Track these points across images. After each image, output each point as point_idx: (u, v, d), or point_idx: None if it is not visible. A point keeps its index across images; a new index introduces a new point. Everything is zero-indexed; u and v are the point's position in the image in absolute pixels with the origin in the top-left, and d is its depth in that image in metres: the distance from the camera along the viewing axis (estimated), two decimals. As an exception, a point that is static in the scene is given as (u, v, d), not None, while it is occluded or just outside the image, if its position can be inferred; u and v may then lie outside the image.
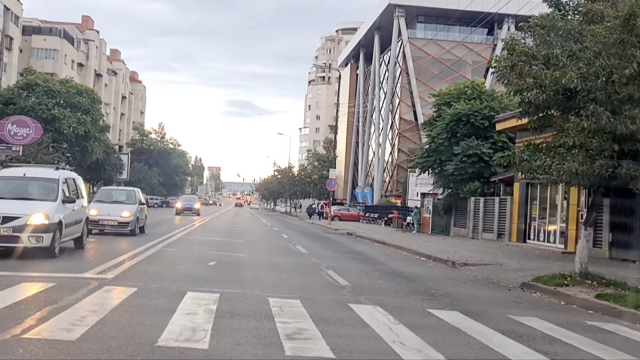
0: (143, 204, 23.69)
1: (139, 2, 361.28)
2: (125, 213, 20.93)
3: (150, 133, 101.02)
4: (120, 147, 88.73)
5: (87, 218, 16.15)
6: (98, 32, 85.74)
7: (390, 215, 48.08)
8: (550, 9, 13.54)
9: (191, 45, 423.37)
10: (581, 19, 12.36)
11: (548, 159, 12.26)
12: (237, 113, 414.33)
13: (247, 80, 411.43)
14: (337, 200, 75.81)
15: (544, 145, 12.91)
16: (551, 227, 24.10)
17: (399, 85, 72.86)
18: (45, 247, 12.67)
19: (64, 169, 17.22)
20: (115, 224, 20.60)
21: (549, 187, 22.85)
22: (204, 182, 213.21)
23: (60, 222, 13.20)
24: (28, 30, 69.83)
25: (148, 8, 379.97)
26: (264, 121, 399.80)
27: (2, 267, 10.99)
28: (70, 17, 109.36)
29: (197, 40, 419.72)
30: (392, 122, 74.49)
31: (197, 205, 51.56)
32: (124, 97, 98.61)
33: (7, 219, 12.37)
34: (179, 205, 52.28)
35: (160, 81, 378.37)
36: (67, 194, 14.22)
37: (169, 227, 28.72)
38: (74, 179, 15.61)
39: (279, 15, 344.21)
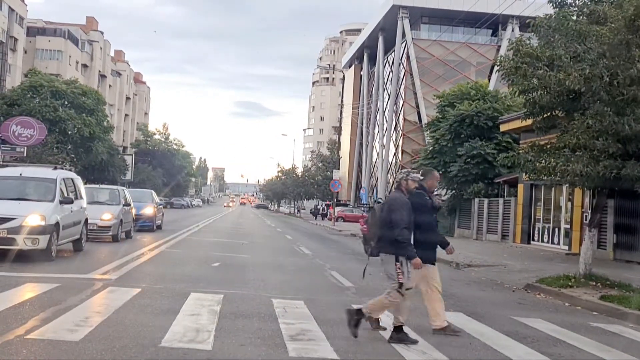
0: (129, 205, 20.71)
1: (153, 6, 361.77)
2: (106, 215, 18.24)
3: (154, 134, 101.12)
4: (125, 147, 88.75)
5: (87, 220, 15.37)
6: (102, 33, 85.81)
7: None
8: (555, 10, 13.51)
9: (202, 48, 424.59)
10: (585, 19, 12.33)
11: (552, 160, 12.23)
12: (245, 114, 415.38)
13: (256, 82, 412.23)
14: (341, 202, 75.71)
15: (548, 146, 12.88)
16: (555, 229, 24.05)
17: (402, 86, 72.70)
18: (42, 249, 12.22)
19: (62, 168, 16.77)
20: (95, 227, 17.50)
21: (553, 189, 22.80)
22: (208, 183, 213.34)
23: (57, 224, 12.68)
24: (32, 32, 69.95)
25: (162, 11, 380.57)
26: (270, 122, 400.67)
27: (4, 268, 10.99)
28: (81, 20, 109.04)
29: (208, 43, 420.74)
30: (396, 123, 74.36)
31: (148, 211, 24.95)
32: (128, 98, 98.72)
33: (2, 220, 11.93)
34: None
35: (171, 83, 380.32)
36: (65, 195, 13.66)
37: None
38: (72, 179, 15.00)
39: (290, 18, 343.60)
